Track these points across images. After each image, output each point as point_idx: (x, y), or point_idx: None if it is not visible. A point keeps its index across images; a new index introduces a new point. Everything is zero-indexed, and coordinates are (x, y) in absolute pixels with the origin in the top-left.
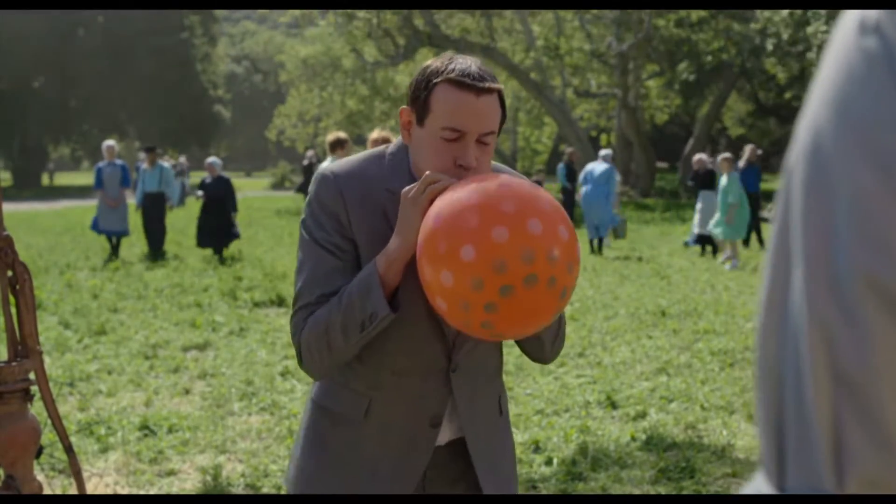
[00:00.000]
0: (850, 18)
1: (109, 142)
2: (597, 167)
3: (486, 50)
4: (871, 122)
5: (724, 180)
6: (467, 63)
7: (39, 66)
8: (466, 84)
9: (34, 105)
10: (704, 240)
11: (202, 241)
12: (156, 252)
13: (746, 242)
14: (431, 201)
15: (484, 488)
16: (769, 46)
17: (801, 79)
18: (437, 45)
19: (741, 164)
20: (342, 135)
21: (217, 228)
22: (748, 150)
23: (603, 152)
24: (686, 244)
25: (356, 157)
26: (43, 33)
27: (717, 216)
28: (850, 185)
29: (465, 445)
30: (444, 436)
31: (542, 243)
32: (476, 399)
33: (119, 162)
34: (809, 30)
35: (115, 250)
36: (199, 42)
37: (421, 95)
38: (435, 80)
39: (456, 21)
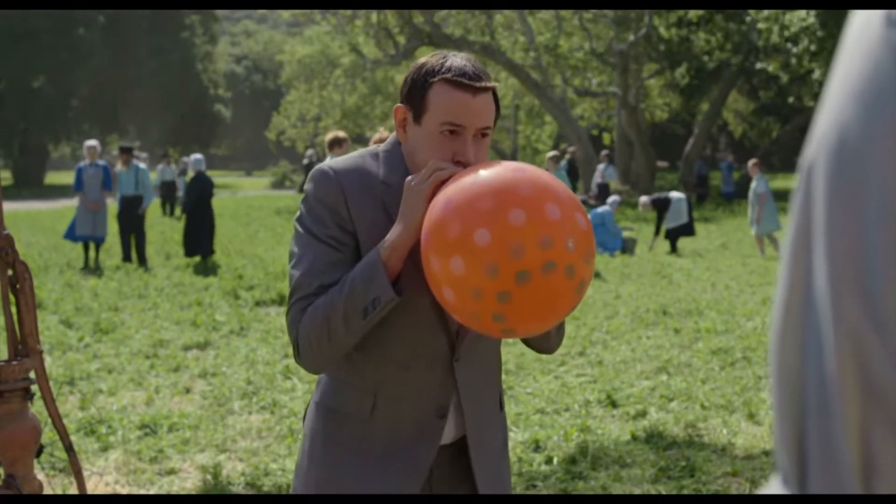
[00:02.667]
0: (870, 13)
1: (91, 141)
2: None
3: (486, 48)
4: None
5: (753, 182)
6: (462, 62)
7: (40, 65)
8: (464, 84)
9: (34, 104)
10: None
11: (188, 250)
12: (129, 259)
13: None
14: (435, 190)
15: (480, 488)
16: (760, 45)
17: (801, 78)
18: (437, 43)
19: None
20: (341, 134)
21: (200, 233)
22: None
23: (611, 199)
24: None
25: (351, 154)
26: (43, 32)
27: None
28: (880, 181)
29: (466, 443)
30: (449, 432)
31: (561, 229)
32: (480, 392)
33: (101, 163)
34: (790, 19)
35: (87, 257)
36: (199, 41)
37: (417, 94)
38: (431, 80)
39: (454, 21)
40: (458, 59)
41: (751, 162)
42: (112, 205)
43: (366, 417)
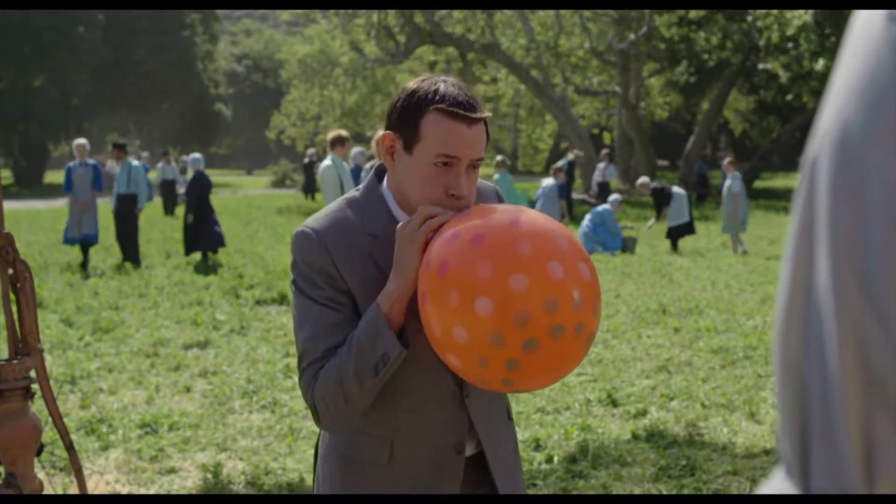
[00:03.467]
0: (873, 11)
1: (80, 140)
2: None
3: (486, 47)
4: None
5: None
6: (455, 90)
7: (40, 64)
8: (459, 115)
9: (35, 103)
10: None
11: (189, 248)
12: (129, 260)
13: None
14: (428, 238)
15: (501, 490)
16: (760, 44)
17: (802, 77)
18: (437, 42)
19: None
20: (343, 133)
21: (201, 230)
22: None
23: (612, 197)
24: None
25: (329, 208)
26: (44, 31)
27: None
28: (882, 177)
29: (483, 456)
30: (467, 452)
31: (566, 288)
32: (491, 411)
33: (91, 162)
34: (792, 17)
35: (85, 260)
36: (200, 40)
37: (409, 123)
38: (425, 109)
39: (454, 19)
40: (450, 88)
41: (725, 160)
42: (106, 204)
43: (385, 464)
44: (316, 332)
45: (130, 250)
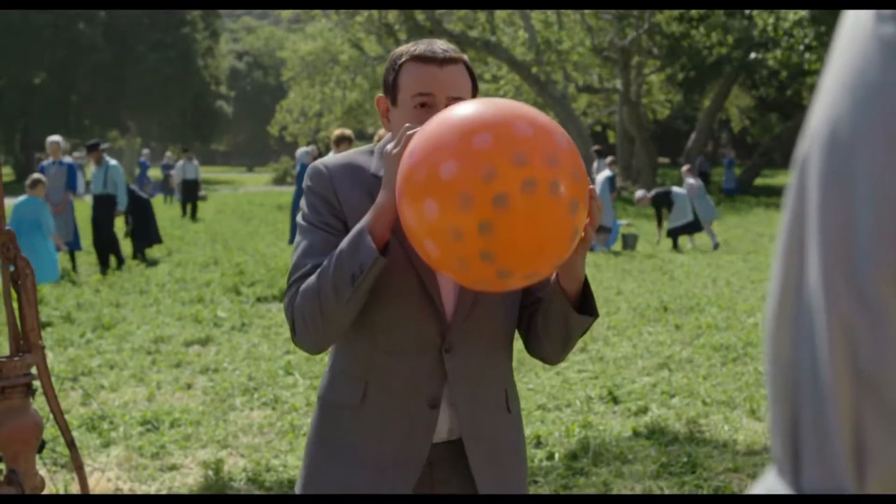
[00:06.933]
0: (860, 11)
1: (54, 137)
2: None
3: (487, 44)
4: (892, 109)
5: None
6: (430, 42)
7: (40, 61)
8: (428, 57)
9: (35, 100)
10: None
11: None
12: (103, 266)
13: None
14: None
15: (479, 487)
16: (756, 35)
17: (801, 74)
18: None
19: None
20: (347, 131)
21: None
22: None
23: (608, 159)
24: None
25: (349, 151)
26: (44, 28)
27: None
28: (870, 174)
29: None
30: (444, 428)
31: (536, 145)
32: (476, 386)
33: (67, 160)
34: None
35: (74, 262)
36: (200, 37)
37: (390, 79)
38: (400, 62)
39: (455, 17)
40: (426, 41)
41: (684, 168)
42: (83, 204)
43: (357, 404)
44: (309, 250)
45: (106, 254)
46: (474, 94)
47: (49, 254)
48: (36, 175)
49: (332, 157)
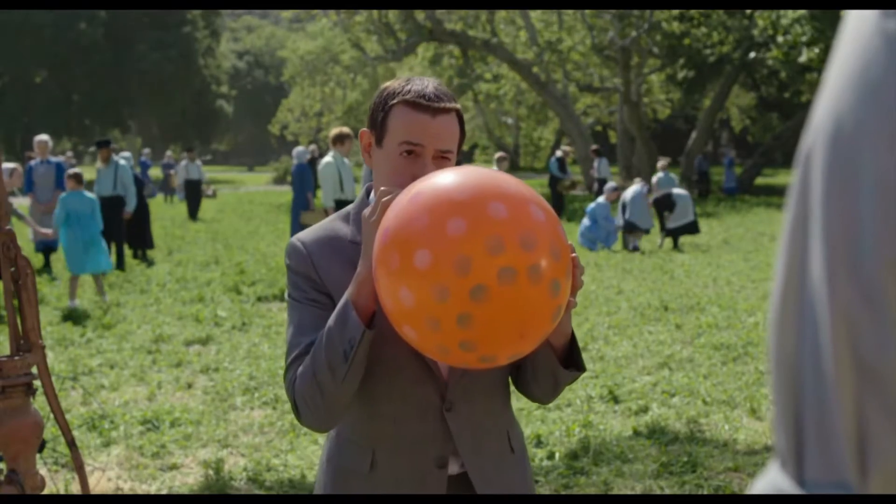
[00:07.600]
0: (864, 9)
1: (42, 136)
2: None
3: (487, 44)
4: (895, 104)
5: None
6: (424, 84)
7: (41, 60)
8: (422, 105)
9: (36, 100)
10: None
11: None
12: (139, 257)
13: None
14: None
15: None
16: (755, 33)
17: (801, 71)
18: (438, 39)
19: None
20: (345, 130)
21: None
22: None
23: (607, 185)
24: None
25: (323, 221)
26: (45, 28)
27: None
28: (874, 169)
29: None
30: (454, 468)
31: (510, 227)
32: (480, 438)
33: (54, 159)
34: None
35: (46, 264)
36: (201, 36)
37: (378, 117)
38: (391, 102)
39: (455, 16)
40: (420, 82)
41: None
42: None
43: (366, 472)
44: (300, 328)
45: (118, 256)
46: (461, 142)
47: (102, 245)
48: (73, 170)
49: (308, 232)
